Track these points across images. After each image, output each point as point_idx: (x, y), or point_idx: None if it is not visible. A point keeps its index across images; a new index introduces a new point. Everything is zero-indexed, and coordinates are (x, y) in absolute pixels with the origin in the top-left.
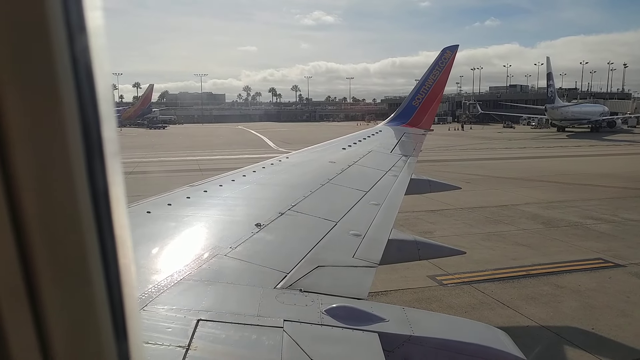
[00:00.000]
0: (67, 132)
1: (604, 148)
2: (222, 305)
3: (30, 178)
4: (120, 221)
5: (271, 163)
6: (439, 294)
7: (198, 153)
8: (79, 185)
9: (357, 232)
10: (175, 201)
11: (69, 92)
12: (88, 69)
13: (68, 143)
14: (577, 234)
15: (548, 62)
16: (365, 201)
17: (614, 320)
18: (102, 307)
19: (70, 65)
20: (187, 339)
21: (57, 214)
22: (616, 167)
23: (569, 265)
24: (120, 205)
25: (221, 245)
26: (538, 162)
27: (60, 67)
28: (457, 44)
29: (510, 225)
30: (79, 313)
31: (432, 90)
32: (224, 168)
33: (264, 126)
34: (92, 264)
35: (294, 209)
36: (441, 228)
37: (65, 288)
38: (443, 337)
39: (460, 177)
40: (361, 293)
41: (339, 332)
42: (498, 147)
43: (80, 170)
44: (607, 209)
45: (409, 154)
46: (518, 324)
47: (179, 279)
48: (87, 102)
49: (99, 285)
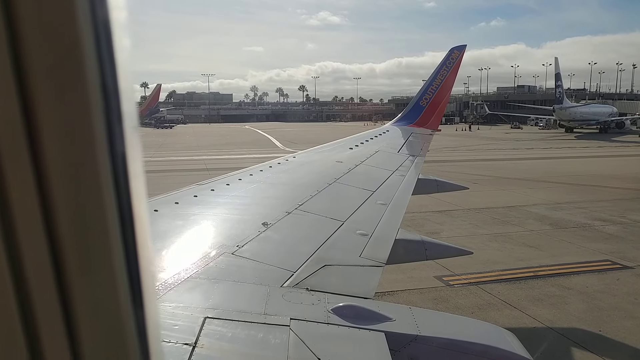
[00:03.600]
0: (96, 138)
1: (613, 149)
2: (229, 303)
3: (61, 177)
4: (141, 218)
5: (278, 162)
6: (445, 295)
7: (205, 152)
8: (104, 183)
9: (364, 232)
10: (182, 200)
11: (96, 93)
12: (112, 66)
13: (96, 145)
14: (585, 235)
15: (556, 63)
16: (372, 201)
17: (621, 322)
18: (124, 296)
19: (97, 65)
20: (193, 336)
21: (85, 212)
22: (625, 169)
23: (576, 266)
24: (142, 203)
25: (228, 244)
26: (546, 163)
27: (88, 67)
28: (464, 44)
29: (518, 226)
30: (103, 302)
31: (440, 90)
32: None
33: (270, 126)
34: (115, 261)
35: (301, 208)
36: (448, 228)
37: (91, 282)
38: (449, 337)
39: (467, 177)
40: (368, 292)
41: (345, 331)
42: (505, 148)
43: (105, 169)
44: (616, 211)
45: (417, 154)
46: (525, 325)
47: (186, 277)
48: (112, 107)
49: (121, 278)
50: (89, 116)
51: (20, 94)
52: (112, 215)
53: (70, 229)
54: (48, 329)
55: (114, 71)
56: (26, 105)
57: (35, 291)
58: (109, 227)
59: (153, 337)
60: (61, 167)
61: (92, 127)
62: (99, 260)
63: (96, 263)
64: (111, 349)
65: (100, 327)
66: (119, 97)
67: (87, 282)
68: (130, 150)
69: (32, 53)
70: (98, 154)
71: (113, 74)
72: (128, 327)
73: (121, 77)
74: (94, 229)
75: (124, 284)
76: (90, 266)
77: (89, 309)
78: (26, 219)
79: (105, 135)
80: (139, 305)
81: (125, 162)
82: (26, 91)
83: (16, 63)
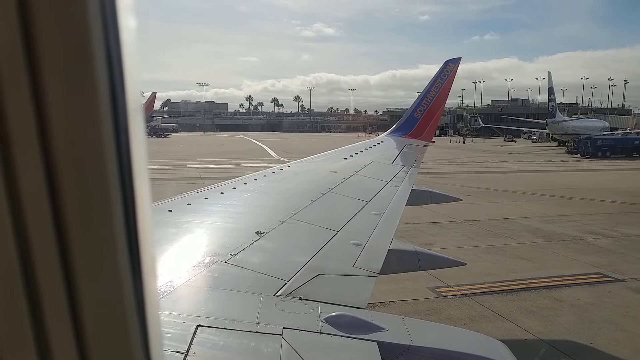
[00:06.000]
0: (103, 136)
1: (604, 163)
2: (222, 311)
3: (70, 177)
4: (144, 222)
5: (272, 172)
6: (438, 306)
7: (199, 161)
8: (112, 183)
9: (357, 242)
10: (175, 207)
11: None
12: (121, 70)
13: (103, 142)
14: (576, 248)
15: (549, 77)
16: (366, 211)
17: (612, 335)
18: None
19: (106, 67)
20: (186, 344)
21: (92, 205)
22: (617, 182)
23: (568, 279)
24: (146, 205)
25: (221, 252)
26: (538, 176)
27: (98, 67)
28: (459, 57)
29: (510, 239)
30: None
31: (434, 103)
32: (225, 177)
33: (265, 136)
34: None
35: (295, 218)
36: (441, 240)
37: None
38: (442, 348)
39: (461, 189)
40: (361, 302)
41: (338, 340)
42: (499, 161)
43: (113, 171)
44: (607, 224)
45: (411, 165)
46: (517, 337)
47: (179, 285)
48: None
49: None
50: (97, 114)
51: (32, 90)
52: (118, 213)
53: (76, 219)
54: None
55: (121, 71)
56: (37, 101)
57: (42, 285)
58: (115, 223)
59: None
60: (69, 162)
61: (100, 124)
62: (104, 255)
63: (101, 259)
64: (115, 345)
65: (104, 322)
66: (125, 95)
67: (92, 279)
68: (135, 149)
69: (44, 51)
70: (105, 150)
71: (120, 74)
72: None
73: (128, 78)
74: (99, 223)
75: (128, 280)
76: (97, 263)
77: (93, 301)
78: (35, 211)
79: (113, 134)
80: (141, 302)
81: (130, 160)
82: (38, 87)
83: (29, 61)
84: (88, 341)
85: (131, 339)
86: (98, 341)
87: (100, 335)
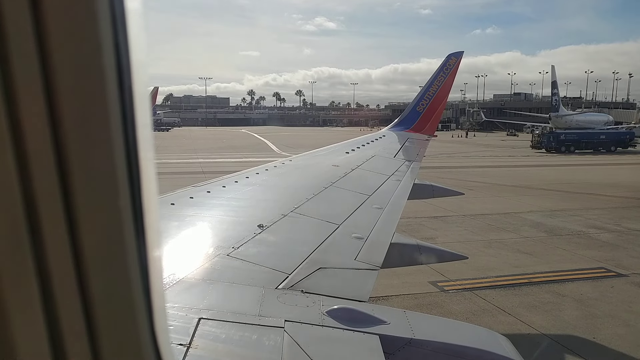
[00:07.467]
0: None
1: (608, 157)
2: (224, 304)
3: (81, 178)
4: (152, 218)
5: (274, 165)
6: (440, 300)
7: (201, 156)
8: (120, 177)
9: (359, 235)
10: (178, 201)
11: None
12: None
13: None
14: (579, 242)
15: (553, 71)
16: (368, 205)
17: (615, 330)
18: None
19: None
20: (188, 337)
21: (103, 208)
22: (620, 177)
23: (571, 273)
24: (154, 203)
25: (224, 245)
26: (541, 170)
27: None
28: (462, 51)
29: (513, 233)
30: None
31: (437, 96)
32: (227, 171)
33: (267, 130)
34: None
35: (297, 211)
36: (443, 234)
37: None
38: (444, 341)
39: (463, 184)
40: (363, 295)
41: (339, 333)
42: (501, 155)
43: (122, 170)
44: (611, 218)
45: (413, 159)
46: (519, 331)
47: (181, 278)
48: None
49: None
50: (106, 113)
51: (45, 89)
52: (126, 207)
53: (90, 218)
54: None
55: (129, 69)
56: (50, 100)
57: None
58: (123, 217)
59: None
60: (83, 171)
61: (109, 122)
62: (113, 254)
63: (111, 257)
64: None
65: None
66: (132, 94)
67: (104, 278)
68: (143, 146)
69: (56, 51)
70: (114, 143)
71: (128, 72)
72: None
73: (136, 76)
74: (108, 218)
75: (137, 277)
76: (106, 262)
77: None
78: (47, 210)
79: (122, 132)
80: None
81: (138, 157)
82: (50, 87)
83: (42, 61)
84: (100, 335)
85: (139, 328)
86: (108, 333)
87: (109, 327)
